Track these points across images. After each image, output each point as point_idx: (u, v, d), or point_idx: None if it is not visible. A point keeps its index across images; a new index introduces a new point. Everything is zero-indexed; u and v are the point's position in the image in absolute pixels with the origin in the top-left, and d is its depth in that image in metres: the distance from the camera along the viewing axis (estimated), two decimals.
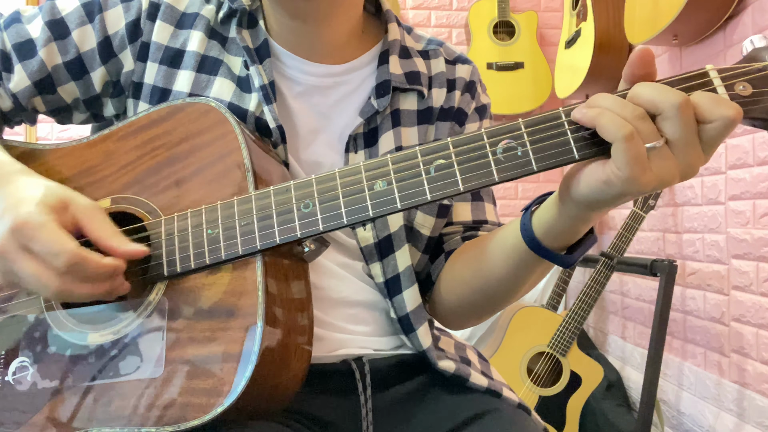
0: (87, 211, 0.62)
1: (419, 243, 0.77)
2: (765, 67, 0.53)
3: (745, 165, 1.65)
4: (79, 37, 0.73)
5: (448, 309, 0.79)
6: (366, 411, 0.73)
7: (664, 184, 0.52)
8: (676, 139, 0.51)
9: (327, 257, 0.74)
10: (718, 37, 1.74)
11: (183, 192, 0.65)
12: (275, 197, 0.61)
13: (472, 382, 0.75)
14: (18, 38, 0.73)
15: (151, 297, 0.63)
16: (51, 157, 0.73)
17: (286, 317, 0.62)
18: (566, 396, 2.06)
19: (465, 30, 2.93)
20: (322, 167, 0.76)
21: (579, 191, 0.55)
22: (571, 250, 0.63)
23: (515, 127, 0.55)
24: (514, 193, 2.91)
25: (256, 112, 0.72)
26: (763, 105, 0.52)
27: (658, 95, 0.51)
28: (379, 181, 0.58)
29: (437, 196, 0.56)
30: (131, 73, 0.74)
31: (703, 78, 0.53)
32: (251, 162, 0.63)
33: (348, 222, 0.58)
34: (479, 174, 0.55)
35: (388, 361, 0.76)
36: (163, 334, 0.62)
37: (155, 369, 0.61)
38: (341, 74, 0.78)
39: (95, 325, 0.65)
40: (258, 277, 0.60)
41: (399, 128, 0.76)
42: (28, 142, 0.76)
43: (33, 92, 0.74)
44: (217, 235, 0.62)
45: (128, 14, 0.74)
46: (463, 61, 0.86)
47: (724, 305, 1.76)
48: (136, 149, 0.69)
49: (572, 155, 0.53)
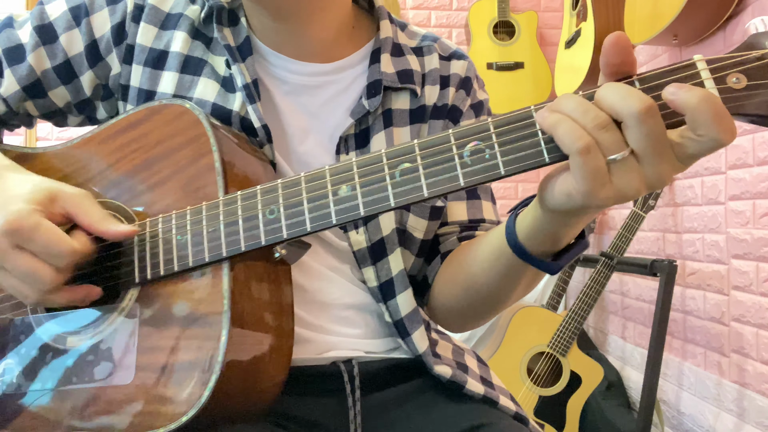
0: (75, 200, 0.62)
1: (412, 246, 0.76)
2: (763, 55, 0.46)
3: (745, 165, 1.65)
4: (67, 41, 0.73)
5: (445, 312, 0.77)
6: (354, 413, 0.71)
7: (626, 199, 0.48)
8: (640, 149, 0.46)
9: (316, 260, 0.73)
10: (718, 37, 1.74)
11: (157, 196, 0.65)
12: (242, 202, 0.59)
13: (468, 389, 0.73)
14: (8, 43, 0.74)
15: (124, 303, 0.63)
16: (37, 161, 0.73)
17: (258, 324, 0.61)
18: (566, 396, 2.06)
19: (465, 30, 2.93)
20: (312, 168, 0.74)
21: (548, 199, 0.53)
22: (558, 255, 0.60)
23: (484, 128, 0.51)
24: (514, 193, 2.91)
25: (240, 112, 0.71)
26: (759, 99, 0.46)
27: (619, 101, 0.46)
28: (344, 186, 0.56)
29: (401, 202, 0.53)
30: (118, 76, 0.74)
31: (690, 70, 0.47)
32: (222, 165, 0.62)
33: (311, 229, 0.57)
34: (444, 178, 0.52)
35: (379, 363, 0.75)
36: (134, 340, 0.61)
37: (126, 375, 0.60)
38: (330, 73, 0.76)
39: (75, 329, 0.65)
40: (224, 284, 0.58)
41: (391, 128, 0.75)
42: (15, 146, 0.76)
43: (23, 97, 0.74)
44: (186, 241, 0.61)
45: (114, 17, 0.73)
46: (459, 57, 0.83)
47: (724, 305, 1.76)
48: (115, 152, 0.68)
49: (542, 158, 0.50)
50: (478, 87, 0.84)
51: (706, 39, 1.79)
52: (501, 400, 0.75)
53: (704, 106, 0.44)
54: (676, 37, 1.79)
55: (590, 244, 2.80)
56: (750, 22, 0.49)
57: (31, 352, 0.66)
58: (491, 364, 2.06)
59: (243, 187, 0.62)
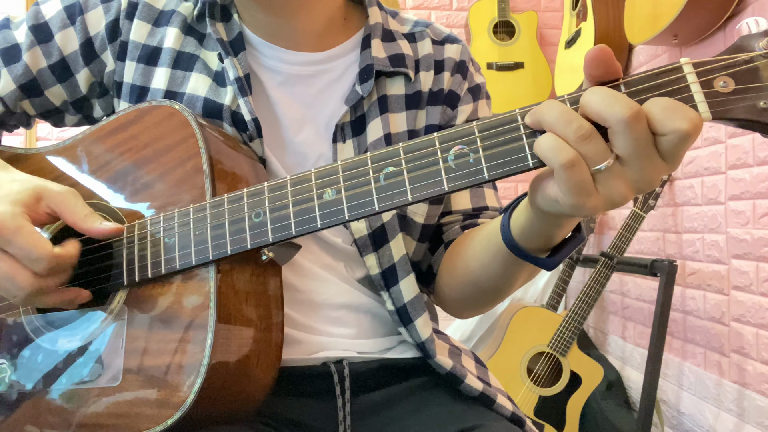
0: (60, 198, 0.62)
1: (413, 231, 0.76)
2: (752, 58, 0.45)
3: (745, 165, 1.65)
4: (62, 40, 0.74)
5: (451, 300, 0.77)
6: (344, 414, 0.71)
7: (615, 205, 0.48)
8: (626, 154, 0.46)
9: (309, 258, 0.73)
10: (718, 37, 1.74)
11: (146, 198, 0.65)
12: (228, 205, 0.60)
13: (467, 384, 0.73)
14: (4, 44, 0.74)
15: (113, 305, 0.63)
16: (30, 161, 0.74)
17: (245, 326, 0.61)
18: (566, 396, 2.06)
19: (465, 30, 2.93)
20: (308, 158, 0.75)
21: (538, 201, 0.52)
22: (554, 251, 0.59)
23: (468, 132, 0.51)
24: (514, 193, 2.91)
25: (232, 106, 0.71)
26: (747, 104, 0.45)
27: (605, 107, 0.45)
28: (329, 190, 0.56)
29: (385, 207, 0.53)
30: (113, 73, 0.75)
31: (677, 74, 0.46)
32: (210, 168, 0.62)
33: (296, 233, 0.57)
34: (428, 183, 0.52)
35: (371, 364, 0.74)
36: (122, 342, 0.61)
37: (114, 377, 0.60)
38: (323, 62, 0.76)
39: (65, 331, 0.65)
40: (210, 288, 0.59)
41: (387, 114, 0.75)
42: (10, 147, 0.76)
43: (20, 96, 0.75)
44: (173, 244, 0.61)
45: (108, 14, 0.74)
46: (452, 41, 0.82)
47: (724, 305, 1.76)
48: (105, 153, 0.69)
49: (526, 163, 0.49)
50: (474, 70, 0.84)
51: (706, 39, 1.79)
52: (498, 399, 0.74)
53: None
54: (676, 37, 1.79)
55: (590, 243, 2.79)
56: (743, 22, 0.48)
57: (20, 352, 0.66)
58: (491, 364, 2.06)
59: (231, 188, 0.62)
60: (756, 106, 0.45)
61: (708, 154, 1.82)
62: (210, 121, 0.70)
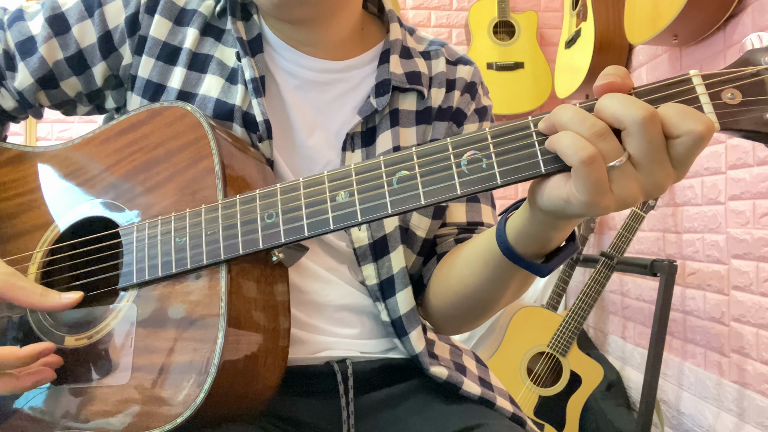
0: (4, 286, 0.60)
1: (414, 245, 0.76)
2: (759, 72, 0.47)
3: (745, 165, 1.65)
4: (79, 32, 0.74)
5: (439, 313, 0.77)
6: (347, 413, 0.71)
7: (626, 206, 0.49)
8: (640, 156, 0.47)
9: (314, 261, 0.73)
10: (718, 37, 1.74)
11: (157, 198, 0.65)
12: (241, 206, 0.60)
13: (465, 390, 0.73)
14: (20, 36, 0.74)
15: (122, 304, 0.63)
16: (40, 159, 0.73)
17: (254, 328, 0.61)
18: (566, 396, 2.06)
19: (465, 30, 2.93)
20: (316, 163, 0.75)
21: (542, 202, 0.52)
22: (549, 258, 0.60)
23: (481, 137, 0.52)
24: (515, 195, 2.91)
25: (243, 106, 0.71)
26: (753, 115, 0.47)
27: (622, 109, 0.47)
28: (342, 192, 0.56)
29: (398, 210, 0.54)
30: (129, 66, 0.75)
31: (686, 85, 0.48)
32: (222, 169, 0.62)
33: (309, 234, 0.57)
34: (441, 187, 0.52)
35: (374, 364, 0.75)
36: (131, 341, 0.61)
37: (123, 376, 0.60)
38: (340, 71, 0.77)
39: (72, 329, 0.65)
40: (222, 288, 0.59)
41: (397, 128, 0.76)
42: (18, 144, 0.76)
43: (37, 88, 0.75)
44: (185, 244, 0.61)
45: (128, 8, 0.74)
46: (465, 62, 0.85)
47: (724, 305, 1.76)
48: (116, 153, 0.69)
49: (539, 169, 0.50)
50: (483, 93, 0.86)
51: (706, 39, 1.79)
52: (498, 401, 0.74)
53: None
54: (676, 37, 1.79)
55: (590, 243, 2.79)
56: (746, 38, 0.50)
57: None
58: (491, 364, 2.06)
59: (242, 190, 0.62)
60: (762, 118, 0.47)
61: (708, 154, 1.82)
62: (220, 123, 0.70)
